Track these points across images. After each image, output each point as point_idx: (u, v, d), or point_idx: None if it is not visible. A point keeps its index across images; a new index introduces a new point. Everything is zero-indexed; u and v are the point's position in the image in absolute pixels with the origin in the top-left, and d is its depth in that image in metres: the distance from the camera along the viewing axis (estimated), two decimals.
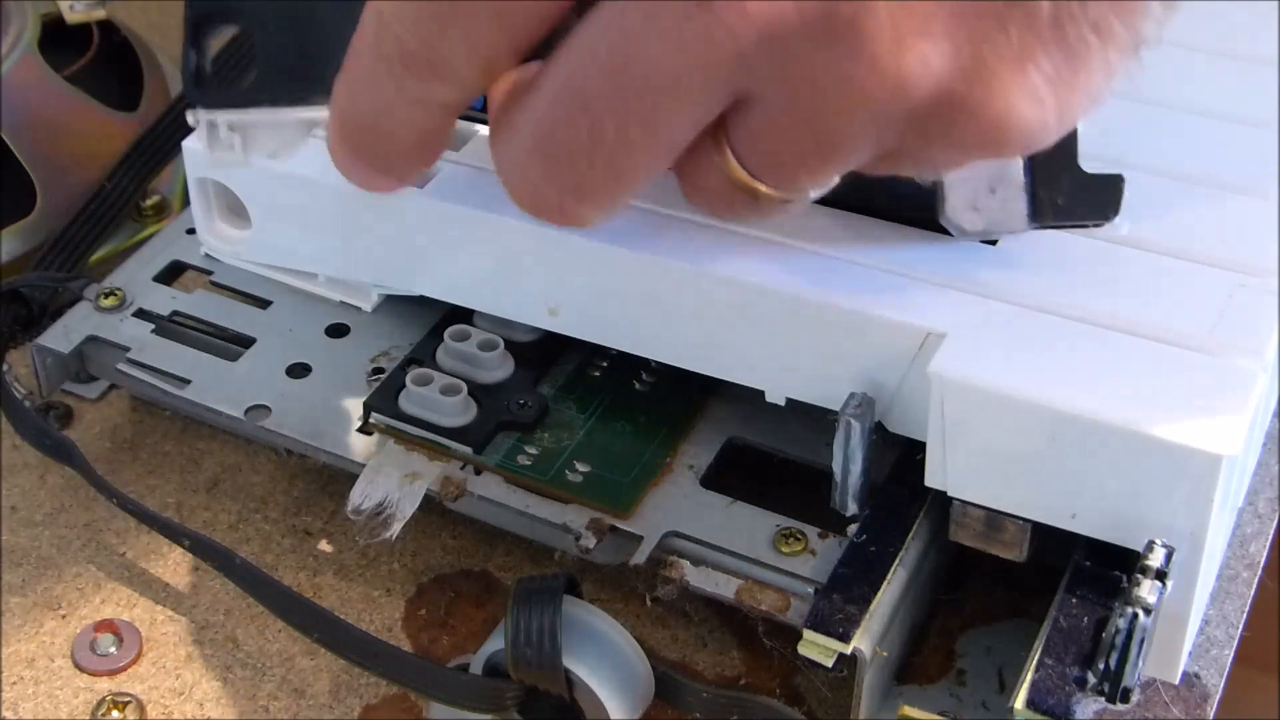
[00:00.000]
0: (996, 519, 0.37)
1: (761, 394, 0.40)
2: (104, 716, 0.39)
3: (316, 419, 0.43)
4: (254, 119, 0.39)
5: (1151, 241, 0.39)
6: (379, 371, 0.44)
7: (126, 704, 0.40)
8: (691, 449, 0.42)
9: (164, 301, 0.47)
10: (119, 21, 0.59)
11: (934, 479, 0.37)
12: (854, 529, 0.38)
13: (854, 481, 0.38)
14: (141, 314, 0.46)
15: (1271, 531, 0.42)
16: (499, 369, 0.43)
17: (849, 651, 0.36)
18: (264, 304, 0.47)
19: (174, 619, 0.42)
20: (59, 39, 0.56)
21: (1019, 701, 0.34)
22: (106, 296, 0.47)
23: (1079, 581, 0.36)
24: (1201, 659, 0.39)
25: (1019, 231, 0.38)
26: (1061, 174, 0.37)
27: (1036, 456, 0.35)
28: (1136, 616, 0.34)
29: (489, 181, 0.42)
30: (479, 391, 0.42)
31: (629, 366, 0.43)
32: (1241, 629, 0.40)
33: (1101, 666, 0.34)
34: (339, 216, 0.43)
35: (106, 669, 0.41)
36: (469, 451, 0.41)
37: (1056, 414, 0.34)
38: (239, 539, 0.44)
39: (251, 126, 0.39)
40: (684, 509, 0.40)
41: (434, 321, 0.44)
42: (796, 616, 0.37)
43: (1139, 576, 0.34)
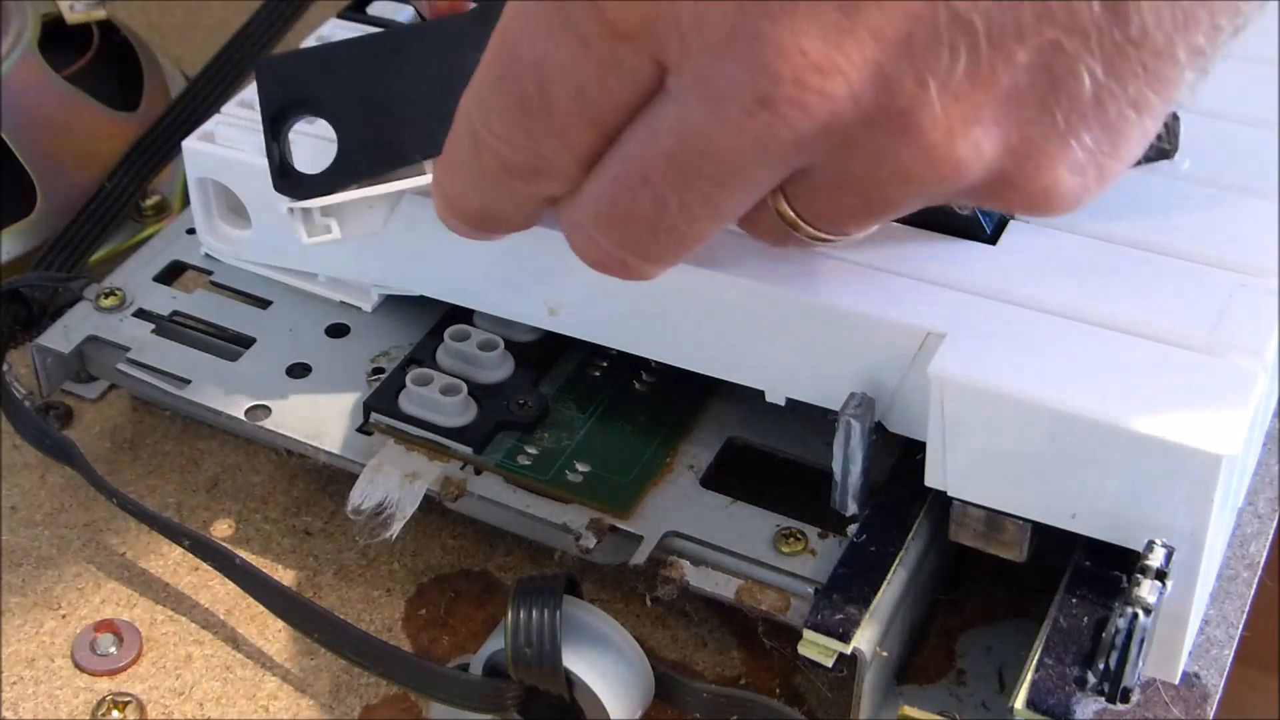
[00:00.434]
0: (996, 519, 0.37)
1: (761, 394, 0.40)
2: (104, 716, 0.39)
3: (316, 419, 0.43)
4: (344, 200, 0.40)
5: (1151, 241, 0.39)
6: (379, 371, 0.44)
7: (126, 704, 0.40)
8: (691, 449, 0.42)
9: (164, 301, 0.47)
10: (119, 21, 0.59)
11: (934, 479, 0.37)
12: (854, 529, 0.38)
13: (854, 481, 0.38)
14: (141, 314, 0.46)
15: (1271, 531, 0.42)
16: (499, 369, 0.43)
17: (849, 651, 0.36)
18: (264, 304, 0.47)
19: (174, 619, 0.42)
20: (59, 39, 0.56)
21: (1019, 701, 0.34)
22: (106, 296, 0.47)
23: (1079, 581, 0.36)
24: (1201, 659, 0.39)
25: None
26: None
27: (1036, 456, 0.35)
28: (1136, 616, 0.34)
29: None
30: (479, 391, 0.42)
31: (629, 366, 0.43)
32: (1241, 629, 0.40)
33: (1101, 666, 0.34)
34: None
35: (106, 669, 0.41)
36: (469, 451, 0.41)
37: (1056, 414, 0.34)
38: (239, 539, 0.44)
39: (345, 208, 0.40)
40: (684, 509, 0.40)
41: (434, 321, 0.44)
42: (796, 616, 0.37)
43: (1139, 576, 0.34)
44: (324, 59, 0.40)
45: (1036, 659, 0.35)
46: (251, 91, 0.46)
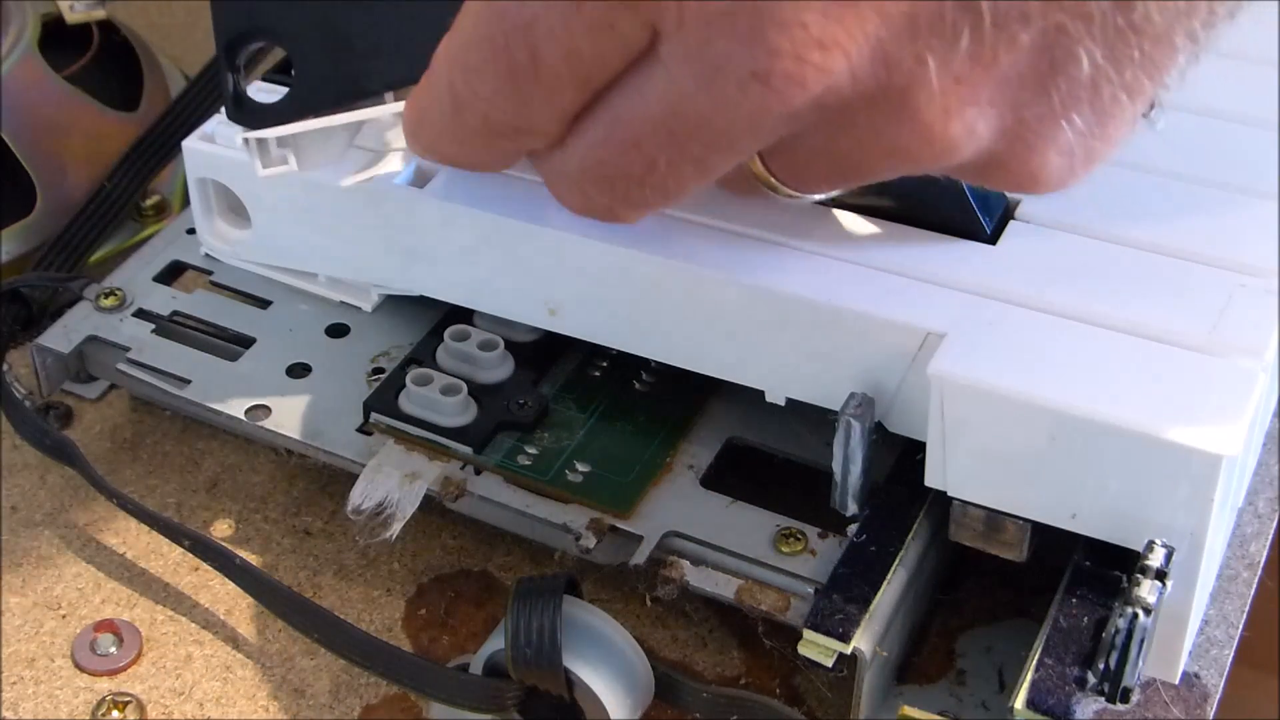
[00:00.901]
0: (996, 519, 0.37)
1: (761, 394, 0.40)
2: (104, 716, 0.39)
3: (316, 419, 0.43)
4: (302, 131, 0.39)
5: (1151, 241, 0.39)
6: (379, 371, 0.44)
7: (126, 704, 0.40)
8: (691, 449, 0.42)
9: (164, 301, 0.47)
10: (119, 21, 0.59)
11: (934, 479, 0.37)
12: (854, 529, 0.38)
13: (854, 481, 0.38)
14: (141, 314, 0.46)
15: (1271, 531, 0.42)
16: (499, 369, 0.43)
17: (849, 651, 0.36)
18: (264, 304, 0.47)
19: (174, 619, 0.42)
20: (59, 39, 0.56)
21: (1019, 701, 0.34)
22: (106, 296, 0.47)
23: (1079, 581, 0.36)
24: (1201, 659, 0.39)
25: None
26: None
27: (1036, 456, 0.35)
28: (1136, 616, 0.34)
29: (489, 181, 0.42)
30: (479, 391, 0.42)
31: (629, 366, 0.43)
32: (1241, 629, 0.40)
33: (1101, 666, 0.34)
34: (339, 216, 0.43)
35: (106, 669, 0.41)
36: (469, 451, 0.41)
37: (1056, 414, 0.34)
38: (239, 539, 0.44)
39: (302, 139, 0.39)
40: (684, 509, 0.40)
41: (434, 321, 0.44)
42: (796, 616, 0.37)
43: (1139, 576, 0.34)
44: None
45: (1036, 659, 0.35)
46: (253, 91, 0.46)
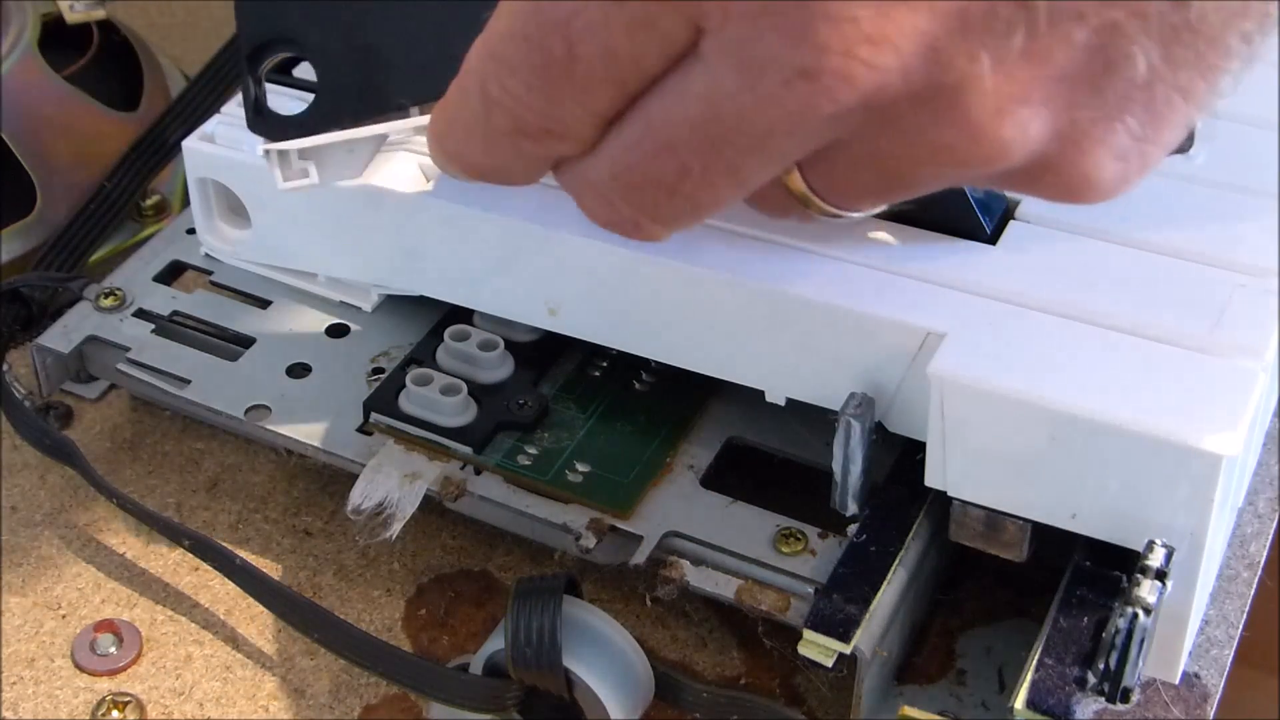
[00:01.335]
0: (996, 519, 0.37)
1: (761, 394, 0.40)
2: (104, 716, 0.39)
3: (316, 419, 0.43)
4: (325, 143, 0.38)
5: (1151, 241, 0.39)
6: (379, 371, 0.44)
7: (126, 704, 0.40)
8: (691, 449, 0.42)
9: (164, 301, 0.47)
10: (119, 21, 0.59)
11: (934, 479, 0.37)
12: (854, 529, 0.38)
13: (854, 481, 0.38)
14: (141, 314, 0.46)
15: (1271, 531, 0.42)
16: (499, 369, 0.43)
17: (849, 651, 0.36)
18: (264, 304, 0.47)
19: (174, 619, 0.42)
20: (59, 39, 0.56)
21: (1019, 701, 0.34)
22: (106, 296, 0.47)
23: (1079, 581, 0.36)
24: (1201, 659, 0.39)
25: None
26: None
27: (1036, 456, 0.35)
28: (1136, 616, 0.34)
29: None
30: (479, 391, 0.42)
31: (629, 366, 0.43)
32: (1241, 629, 0.40)
33: (1101, 666, 0.34)
34: (339, 216, 0.43)
35: (106, 669, 0.41)
36: (469, 451, 0.41)
37: (1056, 414, 0.34)
38: (239, 539, 0.44)
39: (323, 151, 0.39)
40: (684, 509, 0.40)
41: (434, 321, 0.44)
42: (796, 616, 0.37)
43: (1139, 576, 0.34)
44: None
45: (1036, 659, 0.35)
46: None
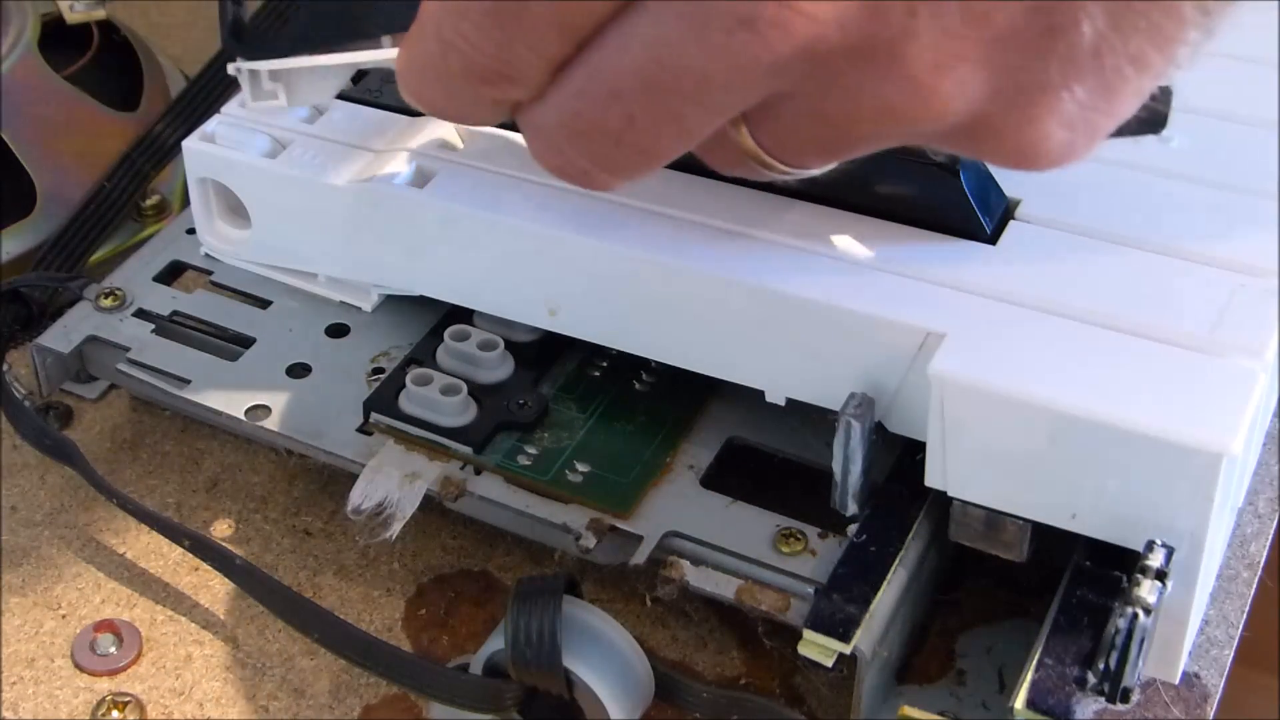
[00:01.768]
0: (996, 519, 0.37)
1: (761, 394, 0.40)
2: (104, 716, 0.39)
3: (316, 419, 0.43)
4: (296, 66, 0.38)
5: (1152, 241, 0.39)
6: (379, 371, 0.44)
7: (126, 704, 0.40)
8: (691, 449, 0.42)
9: (164, 301, 0.47)
10: (119, 21, 0.59)
11: (934, 479, 0.37)
12: (854, 529, 0.38)
13: (854, 481, 0.38)
14: (141, 314, 0.46)
15: (1271, 531, 0.42)
16: (499, 369, 0.43)
17: (849, 651, 0.36)
18: (264, 304, 0.47)
19: (174, 619, 0.42)
20: (59, 39, 0.56)
21: (1019, 701, 0.34)
22: (106, 296, 0.47)
23: (1079, 581, 0.36)
24: (1201, 659, 0.39)
25: None
26: None
27: (1036, 456, 0.35)
28: (1136, 616, 0.34)
29: (489, 181, 0.42)
30: (479, 391, 0.42)
31: (629, 366, 0.43)
32: (1241, 629, 0.40)
33: (1101, 666, 0.34)
34: (339, 216, 0.43)
35: (106, 669, 0.41)
36: (469, 451, 0.41)
37: (1056, 414, 0.34)
38: (239, 539, 0.44)
39: (294, 74, 0.39)
40: (684, 509, 0.40)
41: (434, 321, 0.44)
42: (796, 616, 0.37)
43: (1139, 576, 0.34)
44: None
45: (1036, 659, 0.35)
46: None
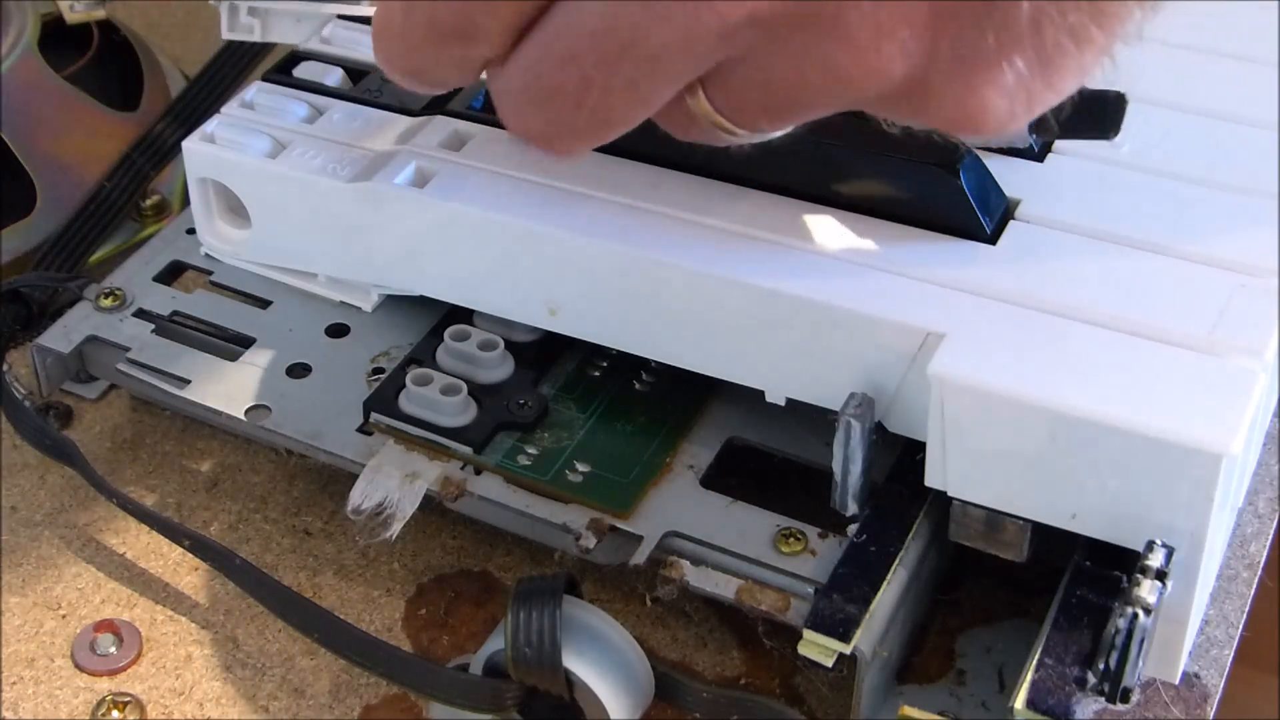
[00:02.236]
0: (996, 519, 0.37)
1: (761, 394, 0.40)
2: (104, 716, 0.39)
3: (316, 419, 0.43)
4: (274, 6, 0.39)
5: (1152, 241, 0.39)
6: (379, 371, 0.44)
7: (126, 704, 0.40)
8: (691, 449, 0.42)
9: (164, 301, 0.47)
10: (119, 21, 0.59)
11: (934, 479, 0.37)
12: (854, 529, 0.38)
13: (854, 481, 0.38)
14: (141, 314, 0.46)
15: (1271, 531, 0.42)
16: (499, 369, 0.43)
17: (849, 651, 0.36)
18: (264, 304, 0.47)
19: (174, 619, 0.42)
20: (59, 39, 0.56)
21: (1019, 701, 0.34)
22: (106, 296, 0.47)
23: (1079, 581, 0.36)
24: (1201, 659, 0.39)
25: (1020, 144, 0.39)
26: None
27: (1036, 456, 0.35)
28: (1136, 616, 0.34)
29: (489, 181, 0.42)
30: (479, 391, 0.42)
31: (629, 366, 0.43)
32: (1241, 629, 0.40)
33: (1101, 666, 0.34)
34: (339, 216, 0.43)
35: (106, 669, 0.41)
36: (469, 451, 0.41)
37: (1056, 414, 0.34)
38: (239, 539, 0.44)
39: (272, 13, 0.39)
40: (684, 509, 0.40)
41: (434, 321, 0.44)
42: (796, 616, 0.37)
43: (1139, 576, 0.34)
44: None
45: (1036, 659, 0.35)
46: (252, 91, 0.46)
